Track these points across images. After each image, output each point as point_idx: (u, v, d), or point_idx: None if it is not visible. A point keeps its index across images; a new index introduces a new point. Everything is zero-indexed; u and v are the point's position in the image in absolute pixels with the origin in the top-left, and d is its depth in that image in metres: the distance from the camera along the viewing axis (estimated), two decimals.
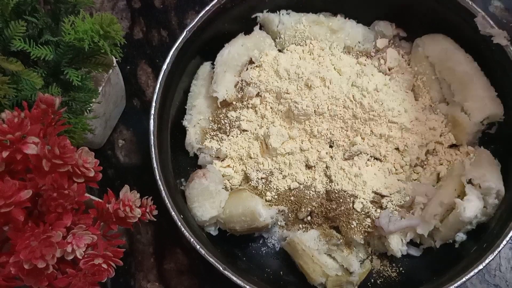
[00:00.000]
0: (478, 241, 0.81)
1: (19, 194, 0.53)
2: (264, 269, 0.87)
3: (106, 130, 0.96)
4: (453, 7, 0.86)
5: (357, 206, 0.82)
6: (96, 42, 0.70)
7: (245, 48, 0.91)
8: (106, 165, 0.97)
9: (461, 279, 0.74)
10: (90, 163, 0.59)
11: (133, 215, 0.62)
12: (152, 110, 0.82)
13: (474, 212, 0.78)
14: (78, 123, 0.74)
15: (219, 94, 0.88)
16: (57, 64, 0.73)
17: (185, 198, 0.86)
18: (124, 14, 1.07)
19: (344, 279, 0.81)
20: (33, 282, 0.56)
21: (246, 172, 0.88)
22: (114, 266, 0.61)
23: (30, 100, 0.69)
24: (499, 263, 0.90)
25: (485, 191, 0.79)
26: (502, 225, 0.78)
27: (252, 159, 0.87)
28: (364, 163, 0.85)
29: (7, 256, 0.55)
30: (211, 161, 0.89)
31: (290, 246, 0.84)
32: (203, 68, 0.94)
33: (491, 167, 0.82)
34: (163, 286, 0.91)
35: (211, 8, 0.86)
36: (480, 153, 0.84)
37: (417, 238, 0.84)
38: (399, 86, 0.88)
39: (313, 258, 0.82)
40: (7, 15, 0.71)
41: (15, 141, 0.54)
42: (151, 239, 0.93)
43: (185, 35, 0.85)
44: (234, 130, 0.89)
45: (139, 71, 1.03)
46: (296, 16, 0.93)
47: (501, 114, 0.85)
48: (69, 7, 0.76)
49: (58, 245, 0.55)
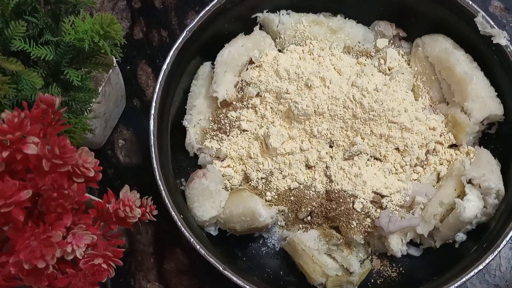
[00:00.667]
0: (478, 241, 0.81)
1: (19, 194, 0.53)
2: (264, 269, 0.87)
3: (106, 130, 0.96)
4: (453, 7, 0.86)
5: (357, 206, 0.82)
6: (96, 42, 0.70)
7: (245, 48, 0.91)
8: (106, 165, 0.97)
9: (461, 279, 0.74)
10: (90, 163, 0.59)
11: (133, 215, 0.62)
12: (152, 110, 0.82)
13: (474, 212, 0.78)
14: (78, 123, 0.74)
15: (219, 94, 0.88)
16: (57, 64, 0.73)
17: (185, 198, 0.86)
18: (124, 14, 1.07)
19: (344, 279, 0.81)
20: (33, 282, 0.56)
21: (246, 172, 0.88)
22: (114, 266, 0.61)
23: (30, 100, 0.69)
24: (499, 263, 0.90)
25: (485, 191, 0.79)
26: (502, 225, 0.78)
27: (252, 159, 0.87)
28: (364, 163, 0.85)
29: (7, 256, 0.55)
30: (211, 161, 0.89)
31: (290, 246, 0.84)
32: (203, 68, 0.94)
33: (491, 167, 0.82)
34: (163, 286, 0.91)
35: (211, 8, 0.86)
36: (480, 153, 0.84)
37: (417, 238, 0.84)
38: (399, 86, 0.88)
39: (313, 258, 0.82)
40: (7, 15, 0.71)
41: (15, 141, 0.54)
42: (151, 239, 0.93)
43: (185, 35, 0.85)
44: (234, 130, 0.89)
45: (139, 71, 1.03)
46: (296, 16, 0.93)
47: (501, 114, 0.85)
48: (69, 7, 0.76)
49: (58, 245, 0.55)
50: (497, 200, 0.81)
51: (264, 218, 0.82)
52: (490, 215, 0.82)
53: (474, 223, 0.81)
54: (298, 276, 0.85)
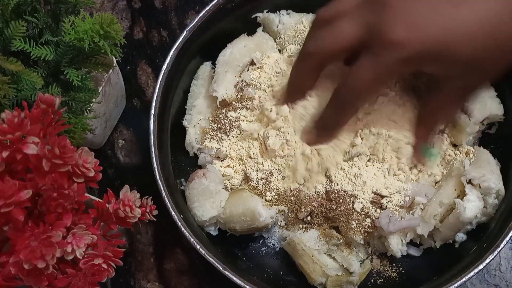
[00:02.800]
0: (478, 241, 0.81)
1: (19, 194, 0.53)
2: (264, 269, 0.87)
3: (106, 130, 0.96)
4: None
5: (357, 206, 0.82)
6: (96, 42, 0.70)
7: (247, 49, 0.91)
8: (106, 165, 0.97)
9: (461, 279, 0.74)
10: (90, 163, 0.59)
11: (133, 215, 0.62)
12: (152, 110, 0.82)
13: (474, 212, 0.78)
14: (78, 123, 0.74)
15: (219, 93, 0.88)
16: (57, 64, 0.73)
17: (185, 198, 0.85)
18: (124, 14, 1.07)
19: (344, 279, 0.81)
20: (33, 282, 0.56)
21: (246, 172, 0.87)
22: (114, 266, 0.61)
23: (30, 100, 0.69)
24: (499, 263, 0.90)
25: (485, 191, 0.79)
26: (502, 225, 0.78)
27: (252, 159, 0.87)
28: (364, 164, 0.85)
29: (7, 256, 0.55)
30: (211, 161, 0.89)
31: (290, 246, 0.84)
32: (203, 68, 0.94)
33: (491, 167, 0.81)
34: (163, 286, 0.91)
35: (211, 8, 0.86)
36: (480, 153, 0.84)
37: (417, 238, 0.84)
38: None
39: (313, 258, 0.82)
40: (7, 15, 0.71)
41: (15, 141, 0.54)
42: (151, 239, 0.93)
43: (185, 35, 0.85)
44: (234, 130, 0.89)
45: (139, 71, 1.03)
46: (296, 16, 0.93)
47: (501, 114, 0.85)
48: (69, 7, 0.76)
49: (58, 245, 0.55)
50: (497, 200, 0.80)
51: (264, 218, 0.82)
52: (490, 215, 0.81)
53: (474, 223, 0.81)
54: (298, 276, 0.85)
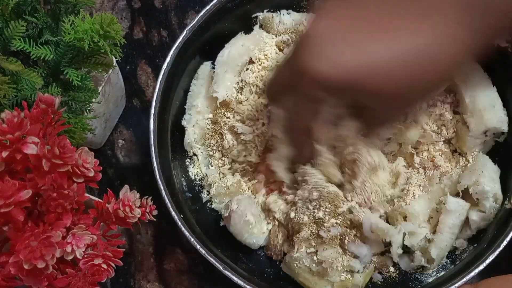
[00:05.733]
0: (478, 242, 0.81)
1: (19, 194, 0.53)
2: (264, 269, 0.87)
3: (106, 130, 0.96)
4: None
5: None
6: (96, 42, 0.70)
7: (245, 48, 0.91)
8: (106, 165, 0.97)
9: (461, 279, 0.74)
10: (90, 163, 0.59)
11: (133, 215, 0.62)
12: (152, 110, 0.82)
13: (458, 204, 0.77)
14: (78, 123, 0.74)
15: (219, 94, 0.88)
16: (57, 64, 0.73)
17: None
18: (124, 14, 1.07)
19: (349, 283, 0.79)
20: (33, 282, 0.56)
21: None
22: (114, 266, 0.61)
23: (30, 100, 0.69)
24: (499, 263, 0.90)
25: (481, 195, 0.78)
26: (502, 225, 0.78)
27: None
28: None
29: (7, 256, 0.55)
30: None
31: (286, 267, 0.83)
32: (203, 68, 0.94)
33: (486, 171, 0.79)
34: (163, 286, 0.91)
35: (211, 8, 0.86)
36: (478, 159, 0.82)
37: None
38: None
39: (311, 272, 0.80)
40: (7, 15, 0.71)
41: (15, 141, 0.54)
42: (151, 239, 0.93)
43: (185, 35, 0.85)
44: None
45: (139, 71, 1.03)
46: (296, 16, 0.93)
47: (502, 128, 0.81)
48: (69, 7, 0.76)
49: (58, 245, 0.55)
50: (495, 203, 0.79)
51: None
52: (490, 220, 0.80)
53: (473, 228, 0.80)
54: None
